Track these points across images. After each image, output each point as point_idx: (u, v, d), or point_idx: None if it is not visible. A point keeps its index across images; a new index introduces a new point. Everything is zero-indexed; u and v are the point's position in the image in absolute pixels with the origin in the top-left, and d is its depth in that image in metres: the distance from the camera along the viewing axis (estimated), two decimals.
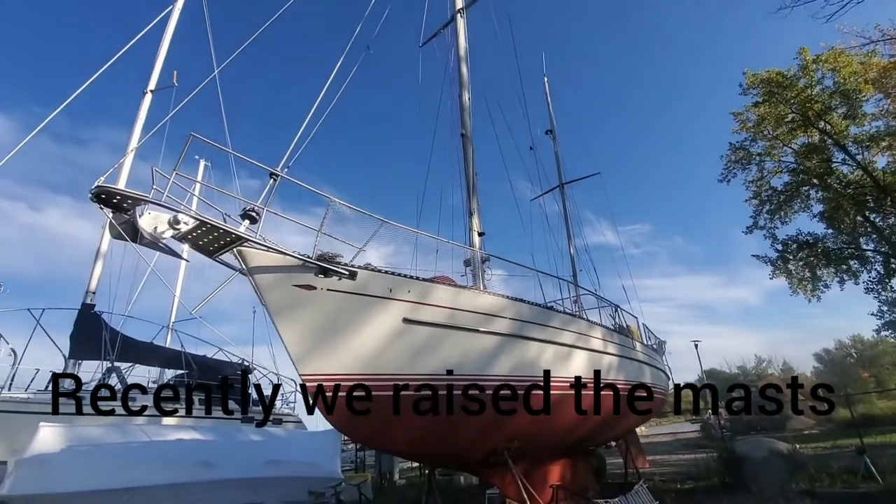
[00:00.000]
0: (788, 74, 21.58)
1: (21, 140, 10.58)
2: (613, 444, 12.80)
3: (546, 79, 26.62)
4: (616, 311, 10.68)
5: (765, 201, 23.79)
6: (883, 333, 23.94)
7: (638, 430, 16.57)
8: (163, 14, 13.26)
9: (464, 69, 11.14)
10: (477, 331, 6.79)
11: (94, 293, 12.55)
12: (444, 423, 6.43)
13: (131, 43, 9.63)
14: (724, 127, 24.30)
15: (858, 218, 21.55)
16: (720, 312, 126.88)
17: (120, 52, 9.32)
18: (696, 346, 28.11)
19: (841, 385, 47.00)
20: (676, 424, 41.46)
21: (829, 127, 21.37)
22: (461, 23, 11.76)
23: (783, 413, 27.73)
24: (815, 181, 22.09)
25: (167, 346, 14.96)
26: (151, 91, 12.70)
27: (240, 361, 14.45)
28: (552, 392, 7.51)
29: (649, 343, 13.00)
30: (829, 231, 22.67)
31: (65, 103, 8.84)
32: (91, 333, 11.80)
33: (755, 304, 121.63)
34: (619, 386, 9.37)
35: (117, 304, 14.08)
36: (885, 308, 21.61)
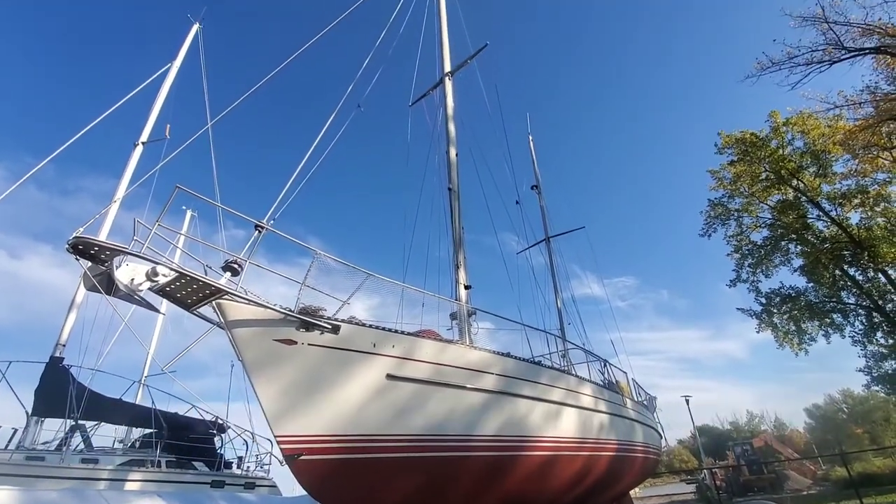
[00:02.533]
0: (761, 135, 22.80)
1: (9, 188, 10.52)
2: None
3: (531, 137, 27.69)
4: (605, 365, 10.50)
5: (746, 255, 24.33)
6: (873, 388, 23.88)
7: (632, 492, 15.84)
8: (160, 72, 13.71)
9: (451, 127, 11.55)
10: (463, 387, 6.57)
11: (64, 345, 12.02)
12: (429, 488, 6.07)
13: (125, 99, 9.88)
14: (704, 182, 25.18)
15: (837, 272, 22.05)
16: (709, 366, 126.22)
17: (114, 107, 9.53)
18: (688, 401, 27.62)
19: (835, 442, 46.19)
20: (671, 485, 39.85)
21: (802, 185, 22.32)
22: (449, 84, 12.34)
23: (780, 472, 26.93)
24: (793, 236, 22.76)
25: (137, 402, 14.20)
26: (143, 143, 12.86)
27: (213, 419, 13.69)
28: (542, 453, 7.20)
29: (640, 399, 12.71)
30: (811, 284, 23.07)
31: (53, 154, 8.90)
32: (57, 389, 11.17)
33: (742, 357, 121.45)
34: (611, 446, 9.04)
35: (88, 357, 13.46)
36: (871, 363, 21.69)
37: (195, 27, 16.43)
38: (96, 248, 4.81)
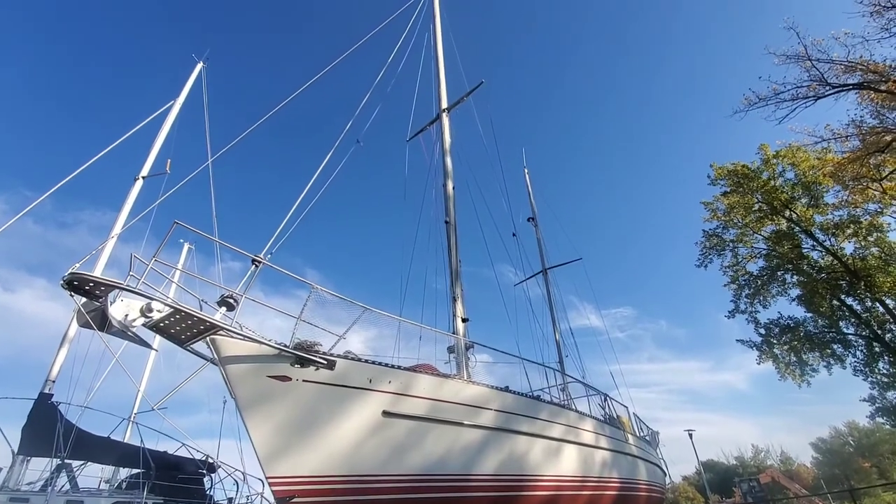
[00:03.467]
0: (752, 167, 23.22)
1: (7, 221, 10.56)
2: None
3: (526, 170, 28.15)
4: (605, 399, 10.32)
5: (743, 286, 24.31)
6: (878, 420, 23.46)
7: None
8: (163, 109, 14.00)
9: (448, 161, 11.75)
10: (461, 424, 6.42)
11: (53, 382, 11.76)
12: None
13: (127, 135, 10.07)
14: (698, 212, 25.45)
15: (835, 302, 22.02)
16: (711, 398, 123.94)
17: (115, 143, 9.70)
18: (691, 435, 27.02)
19: (843, 477, 44.97)
20: None
21: (795, 215, 22.57)
22: (446, 120, 12.64)
23: None
24: (789, 266, 22.83)
25: (126, 440, 13.77)
26: (143, 177, 13.00)
27: (203, 458, 13.26)
28: (543, 493, 6.99)
29: (642, 434, 12.43)
30: (809, 315, 22.98)
31: (52, 190, 8.99)
32: (45, 427, 10.85)
33: (745, 389, 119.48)
34: (613, 484, 8.78)
35: (78, 393, 13.15)
36: (875, 393, 21.38)
37: (199, 66, 16.90)
38: (91, 284, 4.78)
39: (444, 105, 13.05)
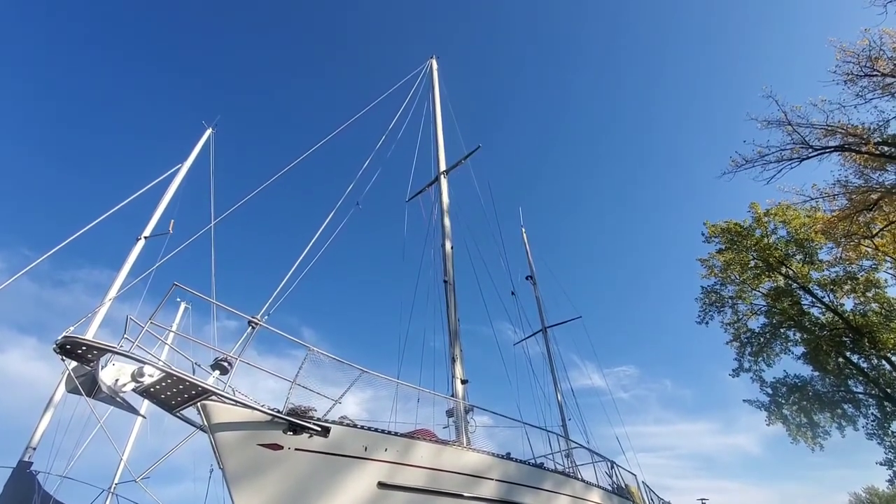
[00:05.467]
0: (745, 225, 23.64)
1: (5, 280, 10.52)
2: None
3: (524, 230, 28.59)
4: (612, 467, 9.84)
5: (745, 343, 23.96)
6: None
7: None
8: (169, 173, 14.41)
9: (446, 221, 11.99)
10: (461, 496, 6.09)
11: (34, 449, 11.20)
12: None
13: (132, 198, 10.31)
14: (695, 268, 25.55)
15: (840, 359, 21.62)
16: (723, 463, 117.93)
17: (119, 206, 9.90)
18: None
19: None
20: None
21: (791, 272, 22.69)
22: (444, 182, 13.04)
23: None
24: (790, 322, 22.63)
25: None
26: (145, 238, 13.14)
27: None
28: None
29: None
30: (816, 373, 22.48)
31: (52, 251, 9.05)
32: (21, 498, 10.23)
33: (757, 453, 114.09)
34: None
35: (58, 461, 12.48)
36: (891, 457, 20.45)
37: (208, 132, 17.60)
38: (84, 348, 4.69)
39: (443, 167, 13.51)
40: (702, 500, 25.97)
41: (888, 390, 20.39)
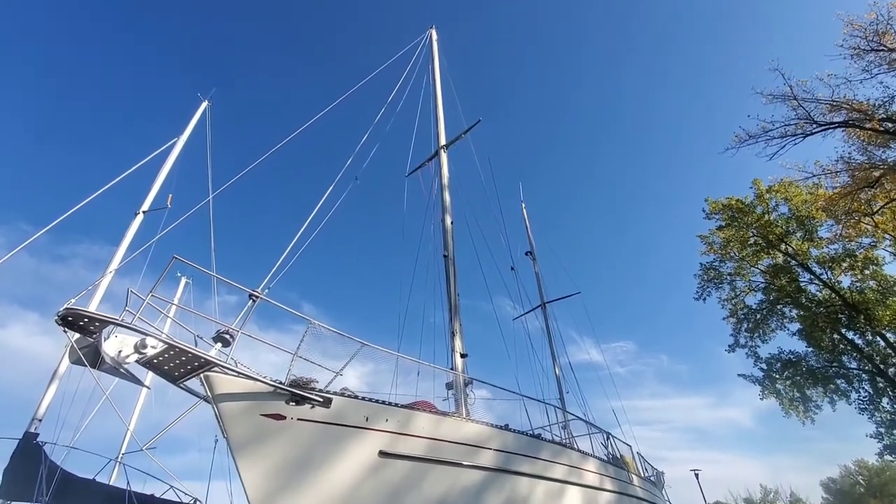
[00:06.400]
0: (746, 202, 23.56)
1: (4, 255, 10.52)
2: None
3: (524, 205, 28.49)
4: (608, 438, 10.06)
5: (742, 320, 24.20)
6: (886, 457, 22.84)
7: None
8: (166, 146, 14.25)
9: (446, 196, 11.92)
10: (460, 465, 6.23)
11: (40, 421, 11.40)
12: None
13: (129, 171, 10.21)
14: (695, 245, 25.59)
15: (836, 336, 21.87)
16: (716, 436, 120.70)
17: (117, 179, 9.81)
18: (697, 475, 26.20)
19: None
20: None
21: (790, 249, 22.73)
22: (444, 156, 12.91)
23: None
24: (787, 299, 22.80)
25: (112, 481, 13.23)
26: (144, 212, 13.07)
27: (191, 501, 12.72)
28: None
29: (647, 475, 12.05)
30: (811, 349, 22.78)
31: (50, 225, 9.01)
32: (28, 468, 10.44)
33: (750, 426, 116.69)
34: None
35: (65, 432, 12.71)
36: (882, 430, 20.91)
37: (204, 104, 17.32)
38: (86, 320, 4.71)
39: (443, 142, 13.35)
40: (694, 470, 26.67)
41: (882, 366, 20.70)
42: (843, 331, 21.72)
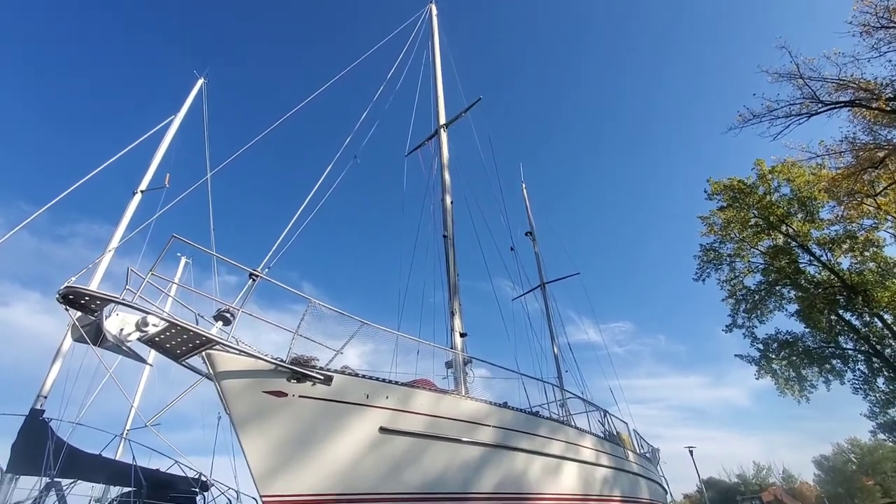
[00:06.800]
0: (748, 182, 23.44)
1: (3, 234, 10.50)
2: None
3: (524, 185, 28.31)
4: (605, 416, 10.22)
5: (740, 300, 24.34)
6: (880, 436, 23.27)
7: None
8: (163, 124, 14.07)
9: (446, 176, 11.83)
10: (460, 441, 6.34)
11: (45, 397, 11.57)
12: None
13: (126, 150, 10.09)
14: (695, 227, 25.58)
15: (833, 317, 22.01)
16: (712, 414, 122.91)
17: (114, 158, 9.69)
18: (691, 452, 26.70)
19: (846, 495, 44.41)
20: None
21: (791, 230, 22.70)
22: (444, 136, 12.76)
23: None
24: (786, 280, 22.87)
25: (118, 457, 13.50)
26: (142, 192, 12.99)
27: (196, 476, 13.00)
28: None
29: (642, 451, 12.29)
30: (808, 330, 22.95)
31: (49, 204, 8.94)
32: (35, 444, 10.65)
33: (745, 405, 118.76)
34: (614, 503, 8.64)
35: (70, 409, 12.92)
36: (876, 409, 21.23)
37: (200, 82, 17.05)
38: (87, 298, 4.73)
39: (443, 121, 13.18)
40: (689, 447, 27.16)
41: (878, 346, 20.89)
42: (841, 312, 21.84)
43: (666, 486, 14.47)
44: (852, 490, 46.70)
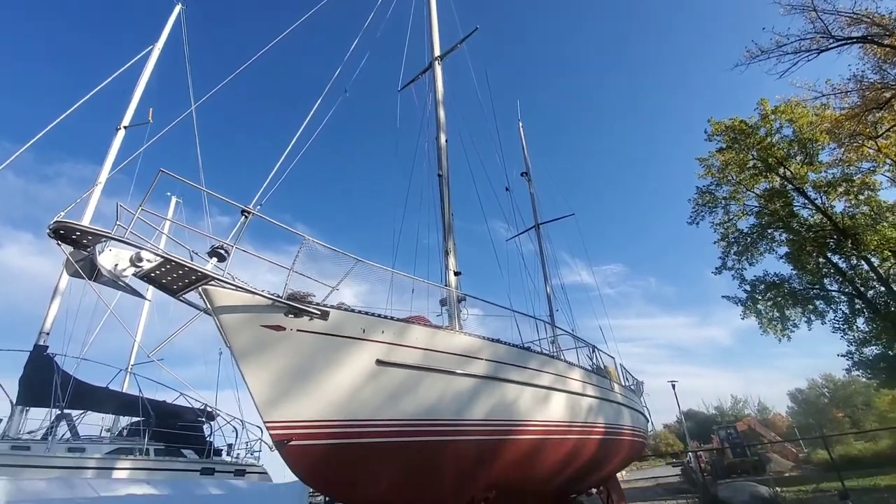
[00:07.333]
0: (750, 123, 23.02)
1: None
2: (595, 491, 12.38)
3: (521, 124, 27.59)
4: (593, 351, 10.61)
5: (732, 243, 24.66)
6: (854, 373, 24.47)
7: (619, 474, 16.17)
8: (142, 54, 13.34)
9: (441, 112, 11.43)
10: (453, 373, 6.59)
11: (48, 334, 11.84)
12: (419, 472, 6.12)
13: (106, 82, 9.56)
14: (693, 170, 25.43)
15: (821, 260, 22.43)
16: (695, 353, 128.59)
17: (94, 91, 9.21)
18: (674, 386, 28.11)
19: (816, 426, 47.41)
20: (657, 468, 40.70)
21: (789, 173, 22.59)
22: (438, 69, 12.19)
23: (763, 455, 27.61)
24: (779, 224, 23.07)
25: (124, 390, 14.08)
26: (125, 127, 12.51)
27: (202, 407, 13.62)
28: (531, 437, 7.29)
29: (627, 384, 12.89)
30: (795, 272, 23.45)
31: (32, 140, 8.60)
32: (42, 378, 11.03)
33: (728, 343, 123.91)
34: (598, 429, 9.18)
35: (72, 346, 13.28)
36: (853, 348, 22.17)
37: (177, 9, 16.00)
38: (78, 233, 4.70)
39: (437, 53, 12.55)
40: (672, 381, 28.49)
41: (861, 288, 21.48)
42: (830, 255, 22.22)
43: (648, 416, 15.35)
44: (822, 421, 49.83)
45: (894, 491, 12.65)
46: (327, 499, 17.30)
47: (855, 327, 22.02)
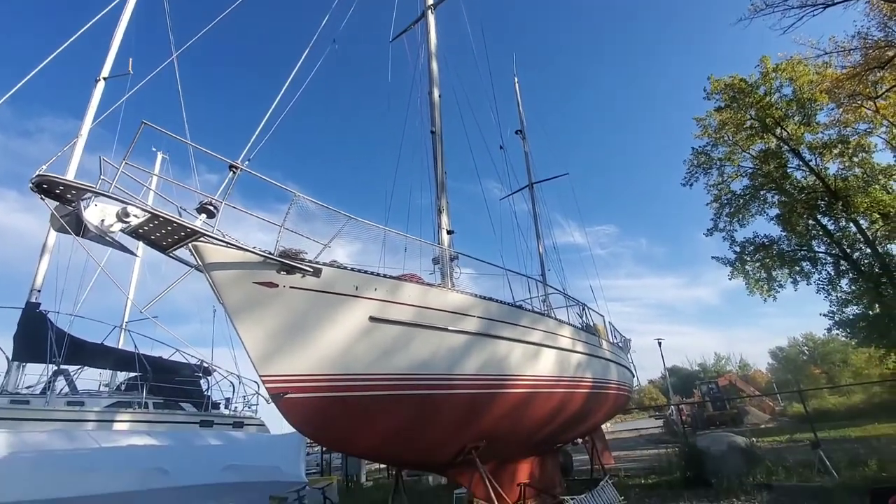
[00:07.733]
0: (750, 81, 22.59)
1: None
2: (580, 441, 12.94)
3: (516, 79, 26.84)
4: (583, 309, 10.80)
5: (724, 204, 24.75)
6: (834, 332, 25.24)
7: (603, 426, 16.89)
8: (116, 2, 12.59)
9: (434, 65, 11.04)
10: (446, 329, 6.69)
11: (39, 291, 11.79)
12: (412, 423, 6.32)
13: (83, 30, 9.01)
14: (689, 131, 25.18)
15: (811, 221, 22.65)
16: (683, 312, 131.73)
17: (71, 39, 8.68)
18: (660, 344, 28.92)
19: (794, 381, 49.40)
20: (640, 420, 42.59)
21: (786, 133, 22.41)
22: (431, 19, 11.66)
23: (741, 408, 28.89)
24: (772, 185, 23.10)
25: (120, 347, 14.21)
26: (105, 79, 11.97)
27: (198, 363, 13.84)
28: (520, 390, 7.52)
29: (615, 341, 13.23)
30: (784, 234, 23.71)
31: (10, 93, 8.19)
32: (36, 334, 11.08)
33: (715, 303, 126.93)
34: (586, 384, 9.48)
35: (65, 303, 13.28)
36: (835, 308, 22.77)
37: None
38: (61, 188, 4.57)
39: (430, 0, 11.97)
40: (658, 339, 29.31)
41: (848, 250, 21.82)
42: (819, 217, 22.42)
43: (634, 372, 15.86)
44: (800, 377, 51.84)
45: (864, 441, 13.36)
46: (325, 449, 18.03)
47: (839, 288, 22.55)
